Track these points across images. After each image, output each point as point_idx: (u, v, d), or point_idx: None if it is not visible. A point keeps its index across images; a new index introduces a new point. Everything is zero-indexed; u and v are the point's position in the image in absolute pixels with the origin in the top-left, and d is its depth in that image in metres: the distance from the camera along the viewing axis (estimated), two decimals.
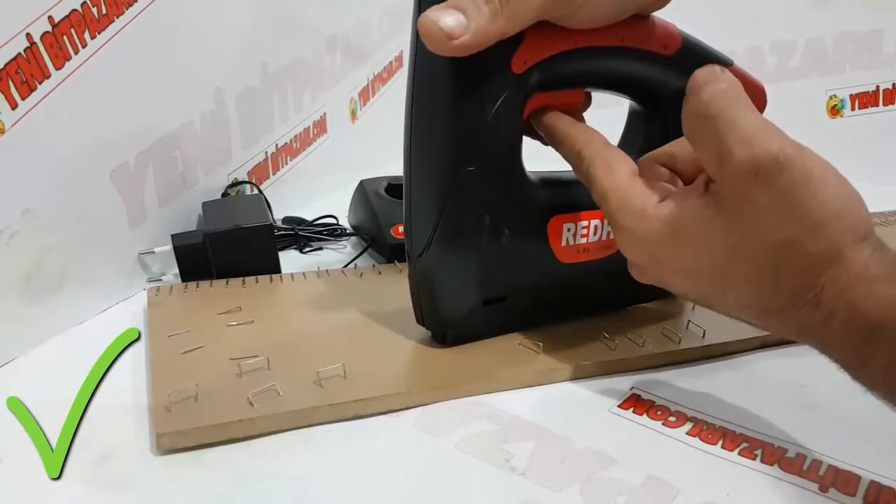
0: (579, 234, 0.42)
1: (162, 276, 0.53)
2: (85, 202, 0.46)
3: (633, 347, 0.42)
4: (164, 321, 0.45)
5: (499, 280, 0.41)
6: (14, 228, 0.41)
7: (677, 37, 0.40)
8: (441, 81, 0.36)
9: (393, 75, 0.89)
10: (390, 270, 0.54)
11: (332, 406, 0.36)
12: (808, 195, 0.29)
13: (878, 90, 0.83)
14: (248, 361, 0.38)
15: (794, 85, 0.84)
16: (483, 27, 0.32)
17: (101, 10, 0.44)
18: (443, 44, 0.32)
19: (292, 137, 0.70)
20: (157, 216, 0.52)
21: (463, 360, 0.41)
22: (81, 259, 0.46)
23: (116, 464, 0.33)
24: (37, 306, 0.43)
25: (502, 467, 0.33)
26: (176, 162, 0.54)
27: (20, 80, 0.39)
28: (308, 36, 0.70)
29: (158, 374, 0.38)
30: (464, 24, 0.32)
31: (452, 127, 0.37)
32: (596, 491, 0.32)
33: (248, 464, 0.33)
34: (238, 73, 0.60)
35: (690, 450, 0.35)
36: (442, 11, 0.32)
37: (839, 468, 0.33)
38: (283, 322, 0.47)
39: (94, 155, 0.46)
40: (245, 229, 0.51)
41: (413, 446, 0.35)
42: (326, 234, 0.63)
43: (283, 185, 0.68)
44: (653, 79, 0.41)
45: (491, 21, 0.32)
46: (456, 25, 0.32)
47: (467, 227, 0.39)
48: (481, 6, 0.32)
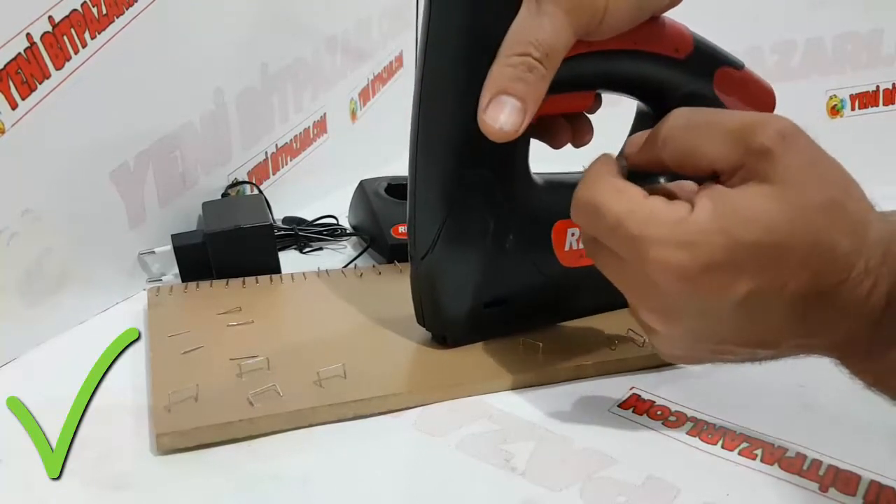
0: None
1: (162, 276, 0.53)
2: (85, 202, 0.46)
3: (633, 347, 0.42)
4: (164, 321, 0.45)
5: (500, 283, 0.41)
6: (14, 228, 0.41)
7: (689, 39, 0.40)
8: (449, 86, 0.36)
9: (393, 75, 0.89)
10: (390, 270, 0.54)
11: (332, 406, 0.36)
12: (827, 159, 0.30)
13: (878, 90, 0.83)
14: (248, 361, 0.38)
15: (794, 85, 0.84)
16: (536, 97, 0.33)
17: (101, 11, 0.44)
18: (511, 137, 0.33)
19: (292, 137, 0.69)
20: (157, 216, 0.52)
21: (463, 360, 0.41)
22: (81, 259, 0.46)
23: (116, 464, 0.33)
24: (37, 306, 0.43)
25: (502, 467, 0.33)
26: (176, 162, 0.54)
27: (20, 80, 0.39)
28: (308, 36, 0.70)
29: (158, 374, 0.38)
30: (520, 108, 0.32)
31: (459, 130, 0.37)
32: (596, 491, 0.32)
33: (248, 464, 0.33)
34: (238, 73, 0.60)
35: (690, 450, 0.35)
36: (497, 109, 0.32)
37: (839, 468, 0.33)
38: (283, 322, 0.47)
39: (94, 155, 0.46)
40: (245, 229, 0.51)
41: (413, 446, 0.35)
42: (326, 235, 0.63)
43: (283, 185, 0.68)
44: (663, 81, 0.41)
45: (541, 85, 0.33)
46: (515, 118, 0.33)
47: (472, 231, 0.39)
48: (526, 77, 0.32)
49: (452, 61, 0.35)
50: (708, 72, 0.42)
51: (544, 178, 0.42)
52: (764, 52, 0.85)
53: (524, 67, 0.32)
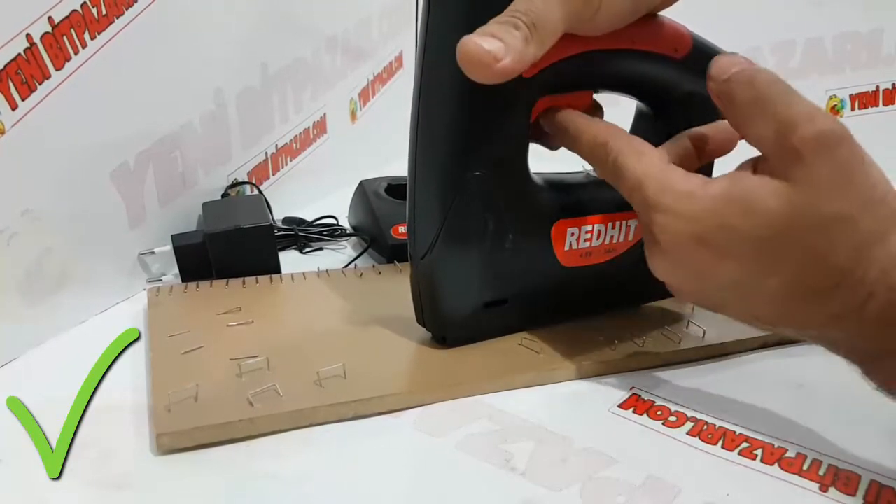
0: (583, 238, 0.42)
1: (162, 276, 0.53)
2: (85, 202, 0.46)
3: (633, 347, 0.42)
4: (164, 321, 0.45)
5: (500, 283, 0.41)
6: (14, 228, 0.41)
7: (688, 39, 0.40)
8: (448, 85, 0.36)
9: (393, 75, 0.89)
10: (390, 270, 0.54)
11: (332, 406, 0.36)
12: (862, 173, 0.30)
13: (878, 90, 0.83)
14: (248, 361, 0.38)
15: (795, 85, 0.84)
16: (520, 52, 0.32)
17: (101, 11, 0.44)
18: (488, 67, 0.32)
19: (292, 138, 0.69)
20: (157, 216, 0.52)
21: (463, 360, 0.41)
22: (81, 259, 0.46)
23: (116, 464, 0.33)
24: (37, 306, 0.43)
25: (502, 467, 0.33)
26: (176, 162, 0.54)
27: (20, 80, 0.39)
28: (308, 36, 0.70)
29: (158, 374, 0.38)
30: (503, 48, 0.32)
31: (459, 130, 0.37)
32: (596, 491, 0.32)
33: (248, 464, 0.33)
34: (238, 73, 0.60)
35: (690, 450, 0.35)
36: (480, 38, 0.32)
37: (839, 468, 0.33)
38: (283, 322, 0.47)
39: (94, 155, 0.46)
40: (245, 229, 0.51)
41: (413, 446, 0.35)
42: (326, 235, 0.63)
43: (283, 185, 0.68)
44: (662, 81, 0.41)
45: (525, 46, 0.32)
46: (497, 50, 0.32)
47: (471, 231, 0.39)
48: (513, 33, 0.32)
49: (451, 61, 0.35)
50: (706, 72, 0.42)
51: (544, 177, 0.42)
52: (764, 52, 0.85)
53: (510, 25, 0.32)
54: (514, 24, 0.32)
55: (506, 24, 0.32)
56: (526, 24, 0.32)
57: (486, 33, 0.32)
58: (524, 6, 0.33)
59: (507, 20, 0.32)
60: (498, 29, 0.32)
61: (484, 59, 0.31)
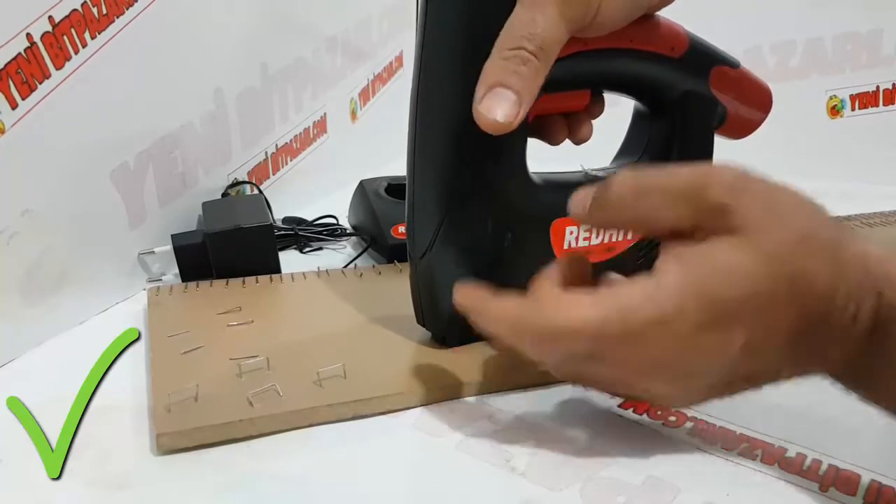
0: (581, 237, 0.42)
1: (162, 276, 0.53)
2: (85, 202, 0.46)
3: None
4: (164, 321, 0.45)
5: (500, 282, 0.41)
6: (14, 228, 0.41)
7: (684, 38, 0.40)
8: (447, 85, 0.36)
9: (393, 75, 0.90)
10: (390, 270, 0.54)
11: (332, 406, 0.36)
12: (783, 192, 0.30)
13: (878, 90, 0.83)
14: (248, 361, 0.38)
15: (794, 85, 0.84)
16: (531, 90, 0.33)
17: (101, 10, 0.44)
18: (507, 127, 0.33)
19: (292, 137, 0.70)
20: (157, 216, 0.52)
21: (463, 360, 0.41)
22: (81, 259, 0.46)
23: (116, 464, 0.33)
24: (37, 306, 0.43)
25: (502, 467, 0.33)
26: (176, 162, 0.54)
27: (20, 80, 0.39)
28: (308, 36, 0.70)
29: (158, 374, 0.38)
30: (515, 101, 0.32)
31: (457, 130, 0.37)
32: (596, 491, 0.32)
33: (248, 464, 0.33)
34: (238, 73, 0.60)
35: (690, 450, 0.35)
36: (491, 101, 0.32)
37: (839, 468, 0.33)
38: (283, 322, 0.47)
39: (94, 155, 0.46)
40: (245, 229, 0.51)
41: (413, 446, 0.35)
42: (326, 235, 0.63)
43: (283, 185, 0.68)
44: (660, 80, 0.41)
45: (535, 81, 0.33)
46: (510, 110, 0.32)
47: (470, 230, 0.39)
48: (520, 70, 0.32)
49: (448, 61, 0.35)
50: (704, 70, 0.42)
51: (542, 177, 0.42)
52: (764, 52, 0.85)
53: (518, 61, 0.32)
54: (521, 58, 0.32)
55: (512, 61, 0.32)
56: (533, 52, 0.32)
57: (494, 84, 0.32)
58: (527, 30, 0.33)
59: (513, 55, 0.32)
60: (504, 74, 0.32)
61: (500, 128, 0.33)
